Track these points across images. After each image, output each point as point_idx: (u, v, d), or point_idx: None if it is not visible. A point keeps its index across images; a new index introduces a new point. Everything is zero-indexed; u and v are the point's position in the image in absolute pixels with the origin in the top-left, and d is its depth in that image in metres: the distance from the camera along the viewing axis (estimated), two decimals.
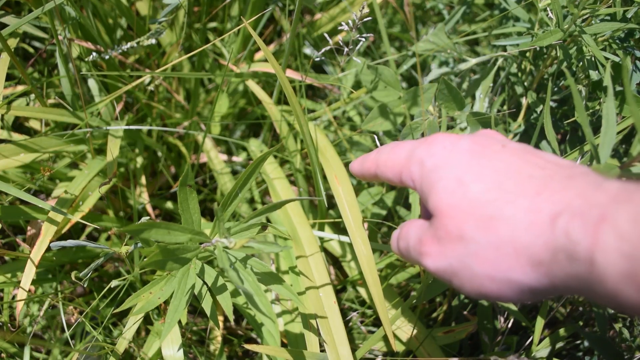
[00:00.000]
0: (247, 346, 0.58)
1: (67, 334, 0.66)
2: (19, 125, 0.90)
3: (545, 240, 0.29)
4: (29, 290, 0.63)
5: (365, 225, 0.76)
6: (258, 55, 0.93)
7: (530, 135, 0.77)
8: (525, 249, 0.30)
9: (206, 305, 0.52)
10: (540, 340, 0.69)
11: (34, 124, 0.87)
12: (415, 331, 0.70)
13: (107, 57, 0.76)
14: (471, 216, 0.32)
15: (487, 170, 0.33)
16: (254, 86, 0.83)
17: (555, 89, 0.73)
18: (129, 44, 0.75)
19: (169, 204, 0.94)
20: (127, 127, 0.78)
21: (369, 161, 0.44)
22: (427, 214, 0.39)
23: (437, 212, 0.34)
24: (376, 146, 0.85)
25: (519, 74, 0.78)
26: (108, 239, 0.86)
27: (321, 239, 0.79)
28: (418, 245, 0.36)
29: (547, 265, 0.29)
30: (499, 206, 0.31)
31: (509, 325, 0.74)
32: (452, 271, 0.33)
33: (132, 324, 0.63)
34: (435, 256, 0.34)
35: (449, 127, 0.76)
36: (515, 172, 0.33)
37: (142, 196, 0.87)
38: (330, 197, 0.89)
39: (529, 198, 0.30)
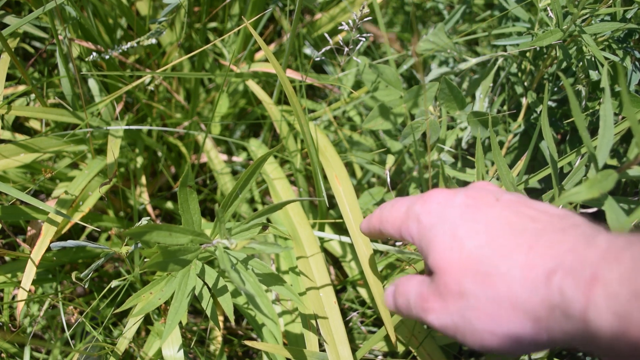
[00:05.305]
0: (248, 342, 0.58)
1: (67, 334, 0.66)
2: (19, 125, 0.90)
3: (542, 298, 0.30)
4: (29, 290, 0.63)
5: None
6: (258, 55, 0.93)
7: (530, 135, 0.77)
8: (523, 304, 0.31)
9: (207, 305, 0.52)
10: None
11: (34, 124, 0.87)
12: (415, 331, 0.70)
13: (107, 57, 0.76)
14: (469, 272, 0.33)
15: (481, 225, 0.34)
16: (254, 86, 0.83)
17: (556, 89, 0.73)
18: (129, 44, 0.75)
19: (169, 204, 0.93)
20: (127, 127, 0.78)
21: (374, 218, 0.45)
22: (428, 269, 0.40)
23: (437, 269, 0.35)
24: (376, 146, 0.85)
25: (519, 74, 0.78)
26: (108, 239, 0.86)
27: (321, 239, 0.79)
28: (420, 301, 0.37)
29: (545, 321, 0.30)
30: (495, 262, 0.32)
31: None
32: (455, 326, 0.34)
33: (133, 324, 0.63)
34: (438, 312, 0.35)
35: (449, 127, 0.76)
36: (508, 225, 0.34)
37: (142, 196, 0.87)
38: (331, 197, 0.89)
39: (523, 253, 0.31)
